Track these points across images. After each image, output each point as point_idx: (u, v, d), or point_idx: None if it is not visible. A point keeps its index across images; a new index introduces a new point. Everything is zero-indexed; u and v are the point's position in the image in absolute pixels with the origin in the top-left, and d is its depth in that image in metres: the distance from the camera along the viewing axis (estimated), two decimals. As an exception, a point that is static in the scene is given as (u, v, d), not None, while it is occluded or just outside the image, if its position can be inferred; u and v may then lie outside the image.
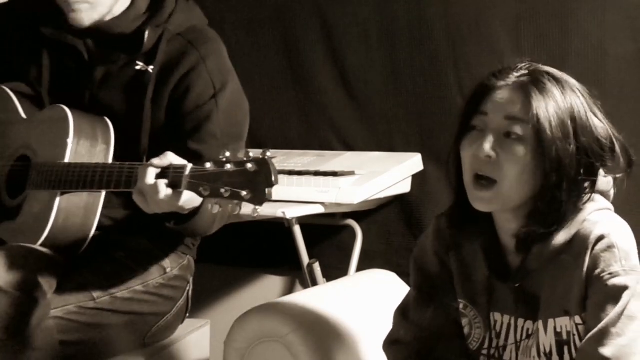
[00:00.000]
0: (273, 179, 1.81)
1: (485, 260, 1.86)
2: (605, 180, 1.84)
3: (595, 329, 1.70)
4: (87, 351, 2.25)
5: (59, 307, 2.18)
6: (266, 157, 1.82)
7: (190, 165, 1.91)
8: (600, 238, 1.73)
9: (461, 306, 1.91)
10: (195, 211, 2.09)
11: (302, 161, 2.97)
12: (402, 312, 1.99)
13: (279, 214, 2.71)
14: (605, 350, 1.68)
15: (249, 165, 1.82)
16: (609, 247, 1.72)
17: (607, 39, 2.69)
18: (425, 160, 2.95)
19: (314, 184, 2.78)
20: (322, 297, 2.46)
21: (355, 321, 2.34)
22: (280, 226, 2.89)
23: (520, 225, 1.80)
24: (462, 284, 1.91)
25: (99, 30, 2.33)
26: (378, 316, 2.33)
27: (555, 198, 1.75)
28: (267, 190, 1.81)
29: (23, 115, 2.41)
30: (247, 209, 1.88)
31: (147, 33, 2.29)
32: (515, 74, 1.80)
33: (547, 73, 1.80)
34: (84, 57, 2.36)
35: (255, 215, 1.84)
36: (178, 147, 2.07)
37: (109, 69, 2.33)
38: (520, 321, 1.83)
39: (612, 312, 1.69)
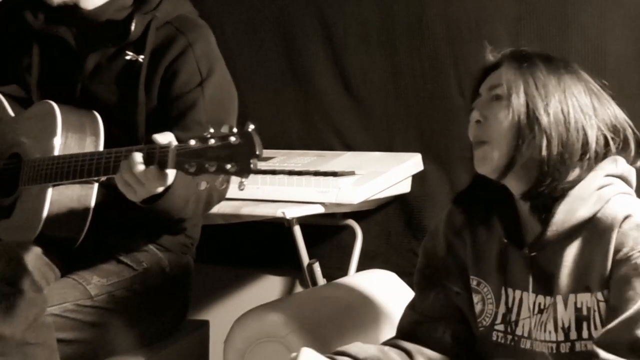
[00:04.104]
0: (257, 150, 1.80)
1: (502, 229, 1.90)
2: (628, 167, 1.88)
3: (629, 311, 1.70)
4: (85, 350, 2.24)
5: (56, 304, 2.18)
6: (249, 130, 1.81)
7: (174, 143, 1.91)
8: (628, 217, 1.76)
9: (474, 283, 1.94)
10: (166, 189, 2.08)
11: (302, 161, 2.97)
12: (412, 305, 2.04)
13: (279, 214, 2.71)
14: None
15: (232, 139, 1.81)
16: (638, 226, 1.74)
17: (607, 39, 2.69)
18: (425, 160, 2.95)
19: (314, 184, 2.78)
20: (322, 297, 2.46)
21: (355, 321, 2.34)
22: (280, 226, 2.89)
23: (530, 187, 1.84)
24: (475, 262, 1.94)
25: (86, 20, 2.33)
26: (378, 316, 2.33)
27: (553, 150, 1.79)
28: (251, 161, 1.80)
29: (11, 114, 2.41)
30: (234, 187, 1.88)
31: (134, 20, 2.29)
32: (505, 55, 1.92)
33: (537, 52, 1.91)
34: (73, 48, 2.35)
35: (242, 189, 1.84)
36: None
37: (99, 61, 2.34)
38: (532, 296, 1.85)
39: None
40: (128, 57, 2.30)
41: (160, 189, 1.99)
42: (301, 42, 3.15)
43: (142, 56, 2.29)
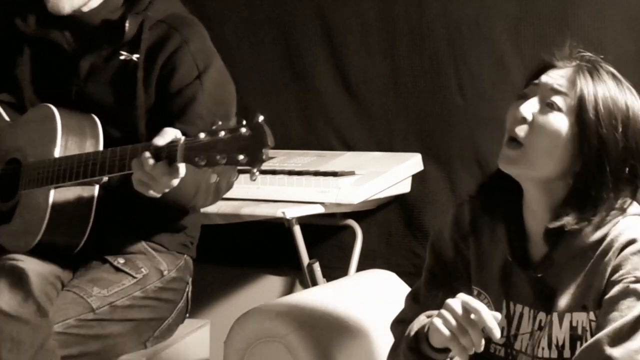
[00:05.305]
0: (268, 140, 1.80)
1: (508, 246, 1.85)
2: None
3: (609, 328, 1.69)
4: None
5: (59, 321, 2.16)
6: (259, 121, 1.81)
7: (183, 138, 1.90)
8: (632, 241, 1.73)
9: (475, 293, 1.90)
10: None
11: (302, 161, 2.97)
12: (413, 296, 2.00)
13: (279, 214, 2.71)
14: (615, 352, 1.67)
15: (243, 130, 1.81)
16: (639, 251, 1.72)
17: (607, 39, 2.69)
18: (425, 160, 2.95)
19: (314, 184, 2.78)
20: (322, 297, 2.46)
21: (355, 321, 2.34)
22: (280, 226, 2.89)
23: (551, 211, 1.78)
24: (477, 271, 1.91)
25: (78, 23, 2.33)
26: (378, 316, 2.33)
27: (594, 183, 1.75)
28: (263, 151, 1.80)
29: (7, 119, 2.40)
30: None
31: (127, 21, 2.30)
32: (577, 61, 1.83)
33: (608, 69, 1.84)
34: (67, 51, 2.36)
35: (254, 179, 1.83)
36: None
37: (94, 62, 2.33)
38: (533, 312, 1.83)
39: (629, 315, 1.68)
40: (122, 57, 2.31)
41: (175, 182, 1.99)
42: (301, 42, 3.15)
43: (136, 55, 2.30)
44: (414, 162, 2.93)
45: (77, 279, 2.28)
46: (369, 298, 2.48)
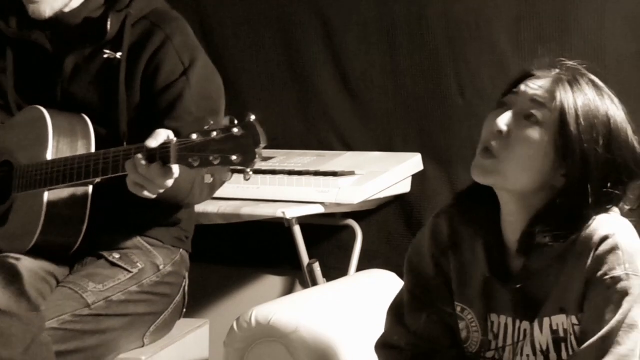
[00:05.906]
0: (261, 138, 1.80)
1: (486, 261, 1.82)
2: None
3: (596, 337, 1.67)
4: (86, 357, 2.22)
5: (53, 317, 2.15)
6: (251, 120, 1.81)
7: (175, 139, 1.90)
8: (605, 238, 1.70)
9: (458, 309, 1.87)
10: None
11: (302, 161, 2.97)
12: (396, 314, 1.95)
13: (279, 214, 2.71)
14: None
15: (235, 130, 1.80)
16: (613, 249, 1.69)
17: (607, 39, 2.69)
18: (425, 160, 2.96)
19: (314, 184, 2.78)
20: (322, 297, 2.46)
21: (355, 321, 2.34)
22: (280, 226, 2.89)
23: (529, 223, 1.76)
24: (459, 286, 1.87)
25: (60, 23, 2.33)
26: (378, 316, 2.33)
27: (575, 201, 1.72)
28: (256, 150, 1.80)
29: None
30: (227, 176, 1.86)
31: (109, 19, 2.30)
32: (557, 70, 1.79)
33: (589, 78, 1.79)
34: (49, 52, 2.35)
35: (248, 179, 1.83)
36: (155, 127, 2.03)
37: (78, 62, 2.33)
38: (517, 322, 1.81)
39: (613, 320, 1.66)
40: (106, 56, 2.31)
41: (170, 183, 1.99)
42: (301, 42, 3.15)
43: (119, 53, 2.29)
44: (414, 162, 2.93)
45: (72, 275, 2.28)
46: (369, 298, 2.48)
